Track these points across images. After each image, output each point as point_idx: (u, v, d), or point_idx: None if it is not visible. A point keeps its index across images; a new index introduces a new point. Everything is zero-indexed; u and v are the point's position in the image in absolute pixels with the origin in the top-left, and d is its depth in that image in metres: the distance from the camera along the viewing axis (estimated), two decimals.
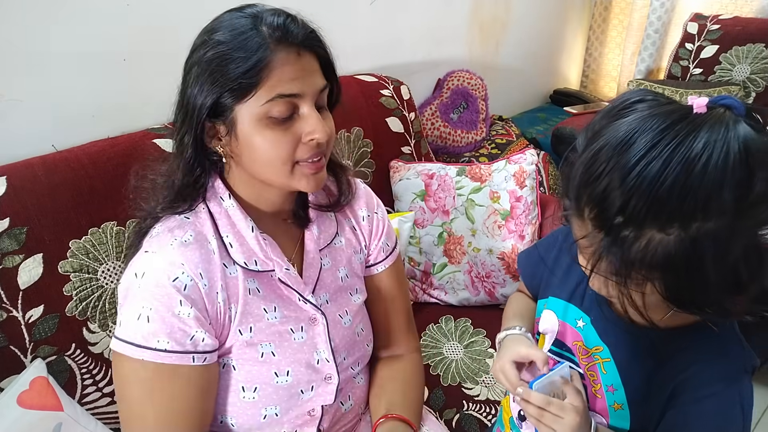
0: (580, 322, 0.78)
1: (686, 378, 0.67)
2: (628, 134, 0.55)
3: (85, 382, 0.99)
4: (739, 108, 0.55)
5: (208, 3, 1.29)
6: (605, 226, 0.57)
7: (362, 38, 1.74)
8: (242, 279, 0.77)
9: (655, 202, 0.53)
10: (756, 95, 2.00)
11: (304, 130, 0.72)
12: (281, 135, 0.71)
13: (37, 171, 0.98)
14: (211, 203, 0.78)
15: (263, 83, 0.69)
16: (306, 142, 0.73)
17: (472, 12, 2.11)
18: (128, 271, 0.74)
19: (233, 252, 0.77)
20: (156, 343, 0.70)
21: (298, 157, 0.74)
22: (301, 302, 0.82)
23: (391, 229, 0.97)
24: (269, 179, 0.76)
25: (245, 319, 0.77)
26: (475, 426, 1.16)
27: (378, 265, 0.96)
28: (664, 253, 0.55)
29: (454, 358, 1.34)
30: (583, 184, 0.58)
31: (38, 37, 1.05)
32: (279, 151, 0.72)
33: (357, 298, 0.92)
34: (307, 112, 0.72)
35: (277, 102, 0.70)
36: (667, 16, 2.42)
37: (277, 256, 0.79)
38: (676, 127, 0.54)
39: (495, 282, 1.49)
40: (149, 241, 0.76)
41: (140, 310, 0.70)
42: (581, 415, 0.68)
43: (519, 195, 1.51)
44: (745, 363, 0.67)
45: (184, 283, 0.72)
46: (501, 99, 2.39)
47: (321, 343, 0.83)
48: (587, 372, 0.77)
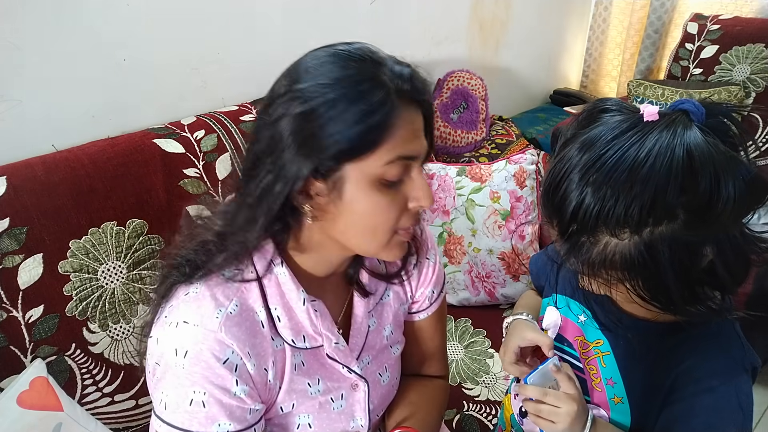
0: (581, 317, 0.78)
1: (685, 372, 0.67)
2: (583, 145, 0.59)
3: (85, 382, 0.99)
4: (696, 112, 0.57)
5: (208, 3, 1.29)
6: (564, 234, 0.60)
7: (362, 38, 1.73)
8: (289, 354, 0.71)
9: (603, 210, 0.56)
10: (756, 95, 2.00)
11: (412, 195, 0.65)
12: (391, 201, 0.63)
13: (37, 171, 0.98)
14: (259, 266, 0.68)
15: (384, 143, 0.60)
16: (411, 209, 0.66)
17: (472, 12, 2.11)
18: (165, 343, 0.64)
19: (281, 327, 0.70)
20: (217, 428, 0.64)
21: (400, 225, 0.66)
22: (345, 372, 0.76)
23: (441, 274, 0.88)
24: (359, 246, 0.67)
25: (289, 396, 0.72)
26: (475, 426, 1.16)
27: (420, 313, 0.88)
28: (622, 257, 0.58)
29: (455, 358, 1.34)
30: (546, 193, 0.62)
31: (38, 37, 1.05)
32: (387, 217, 0.64)
33: (396, 350, 0.86)
34: (417, 176, 0.65)
35: (396, 165, 0.61)
36: (667, 16, 2.42)
37: (326, 330, 0.72)
38: (623, 136, 0.56)
39: (495, 282, 1.49)
40: (187, 306, 0.65)
41: (192, 395, 0.63)
42: (578, 402, 0.69)
43: (519, 195, 1.51)
44: (745, 361, 0.67)
45: (235, 364, 0.65)
46: (501, 99, 2.38)
47: (359, 410, 0.79)
48: (587, 366, 0.77)
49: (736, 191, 0.54)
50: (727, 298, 0.65)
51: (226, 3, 1.32)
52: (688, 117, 0.56)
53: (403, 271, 0.81)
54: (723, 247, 0.58)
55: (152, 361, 0.67)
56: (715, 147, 0.55)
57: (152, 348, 0.66)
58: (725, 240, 0.58)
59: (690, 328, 0.67)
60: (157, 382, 0.66)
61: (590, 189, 0.56)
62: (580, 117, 0.65)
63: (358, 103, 0.58)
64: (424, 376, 0.94)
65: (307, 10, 1.50)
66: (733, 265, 0.59)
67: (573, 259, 0.61)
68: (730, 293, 0.64)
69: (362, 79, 0.59)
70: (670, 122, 0.56)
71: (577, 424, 0.69)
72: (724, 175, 0.54)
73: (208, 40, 1.31)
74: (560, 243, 0.62)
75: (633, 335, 0.70)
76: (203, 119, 1.22)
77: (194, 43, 1.28)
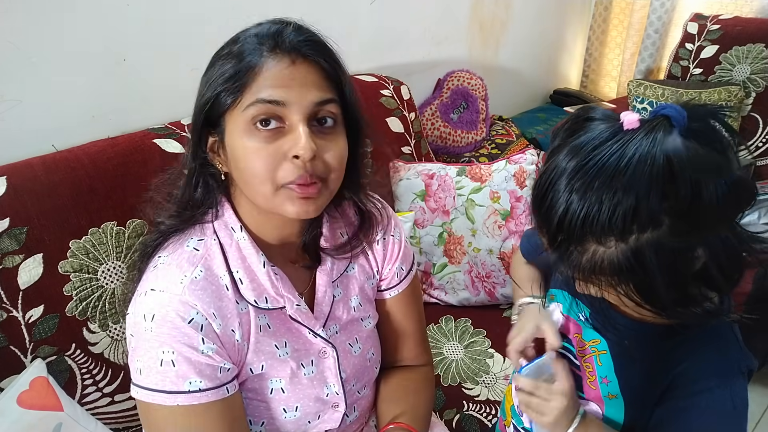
0: (582, 315, 0.79)
1: (681, 373, 0.68)
2: (568, 154, 0.59)
3: (85, 382, 0.99)
4: (677, 117, 0.56)
5: (209, 3, 1.29)
6: (553, 242, 0.61)
7: (362, 38, 1.74)
8: (253, 316, 0.74)
9: (587, 218, 0.56)
10: (756, 95, 2.00)
11: (288, 144, 0.66)
12: (262, 145, 0.66)
13: (37, 171, 0.98)
14: (221, 234, 0.74)
15: (248, 88, 0.66)
16: (290, 160, 0.66)
17: (472, 12, 2.11)
18: (136, 312, 0.69)
19: (243, 289, 0.73)
20: (189, 385, 0.67)
21: (281, 177, 0.67)
22: (311, 336, 0.79)
23: (407, 251, 0.91)
24: (255, 199, 0.70)
25: (257, 357, 0.74)
26: (475, 426, 1.16)
27: (390, 290, 0.90)
28: (610, 263, 0.58)
29: (454, 358, 1.34)
30: (534, 202, 0.63)
31: (38, 37, 1.05)
32: (258, 164, 0.66)
33: (368, 324, 0.88)
34: (297, 128, 0.66)
35: (257, 107, 0.65)
36: (667, 16, 2.42)
37: (288, 292, 0.76)
38: (605, 144, 0.57)
39: (495, 282, 1.49)
40: (155, 276, 0.71)
41: (161, 355, 0.66)
42: (568, 398, 0.71)
43: (519, 195, 1.51)
44: (741, 364, 0.67)
45: (200, 323, 0.68)
46: (501, 99, 2.39)
47: (331, 376, 0.81)
48: (584, 363, 0.78)
49: (718, 194, 0.54)
50: (725, 299, 0.65)
51: (226, 3, 1.32)
52: (670, 122, 0.56)
53: (360, 240, 0.84)
54: (715, 249, 0.58)
55: (128, 333, 0.70)
56: (694, 151, 0.54)
57: (128, 321, 0.70)
58: (717, 241, 0.58)
59: (686, 330, 0.67)
60: (132, 353, 0.69)
61: (575, 197, 0.57)
62: (566, 126, 0.65)
63: (220, 60, 0.69)
64: (407, 366, 0.95)
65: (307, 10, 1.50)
66: (726, 266, 0.59)
67: (563, 266, 0.62)
68: (726, 294, 0.64)
69: (231, 41, 0.71)
70: (650, 129, 0.56)
71: (564, 419, 0.71)
72: (704, 179, 0.54)
73: (208, 40, 1.30)
74: (550, 252, 0.63)
75: (630, 337, 0.70)
76: None
77: (194, 43, 1.28)
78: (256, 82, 0.66)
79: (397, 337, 0.93)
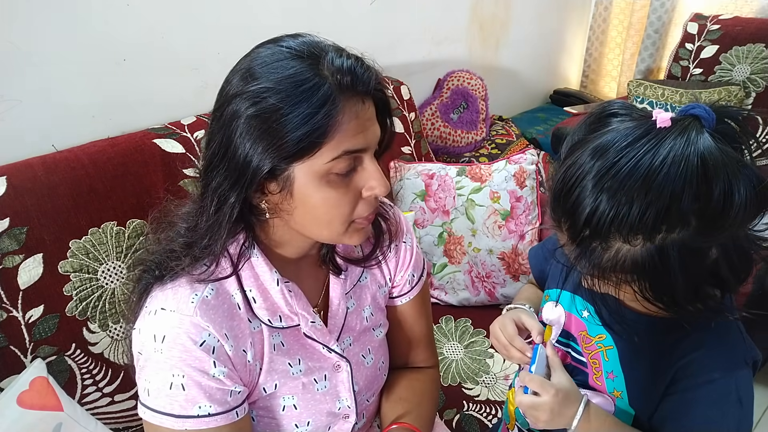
0: (585, 312, 0.79)
1: (685, 365, 0.68)
2: (596, 151, 0.59)
3: (85, 382, 0.99)
4: (707, 117, 0.57)
5: (208, 4, 1.29)
6: (576, 238, 0.61)
7: (362, 38, 1.74)
8: (267, 335, 0.72)
9: (617, 217, 0.56)
10: (756, 95, 2.00)
11: (365, 184, 0.66)
12: (343, 193, 0.65)
13: (37, 171, 0.98)
14: (231, 249, 0.70)
15: (329, 141, 0.61)
16: (365, 198, 0.67)
17: (472, 12, 2.11)
18: (145, 330, 0.66)
19: (256, 308, 0.71)
20: (198, 410, 0.65)
21: (357, 214, 0.67)
22: (326, 351, 0.78)
23: (419, 257, 0.90)
24: (320, 236, 0.70)
25: (270, 376, 0.73)
26: (475, 426, 1.16)
27: (402, 297, 0.89)
28: (633, 261, 0.58)
29: (454, 358, 1.34)
30: (557, 197, 0.62)
31: (38, 37, 1.05)
32: (341, 210, 0.66)
33: (379, 333, 0.87)
34: (368, 165, 0.66)
35: (345, 160, 0.63)
36: (667, 16, 2.42)
37: (302, 309, 0.74)
38: (638, 143, 0.57)
39: (495, 282, 1.49)
40: (164, 294, 0.68)
41: (171, 379, 0.65)
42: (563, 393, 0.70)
43: (519, 195, 1.51)
44: (746, 355, 0.67)
45: (212, 346, 0.66)
46: (501, 99, 2.39)
47: (344, 390, 0.80)
48: (590, 360, 0.78)
49: (746, 197, 0.55)
50: (727, 297, 0.65)
51: (226, 3, 1.32)
52: (700, 123, 0.57)
53: (377, 253, 0.82)
54: (727, 248, 0.59)
55: (136, 351, 0.69)
56: (726, 154, 0.55)
57: (135, 338, 0.68)
58: (729, 241, 0.59)
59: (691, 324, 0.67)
60: (140, 371, 0.68)
61: (605, 196, 0.56)
62: (589, 120, 0.65)
63: (299, 106, 0.59)
64: (414, 368, 0.95)
65: (307, 10, 1.50)
66: (736, 265, 0.60)
67: (583, 262, 0.61)
68: (732, 292, 0.65)
69: (303, 79, 0.60)
70: (683, 129, 0.56)
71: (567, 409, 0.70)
72: (735, 182, 0.54)
73: (208, 40, 1.31)
74: (570, 247, 0.62)
75: (636, 331, 0.70)
76: (203, 119, 1.22)
77: (194, 43, 1.28)
78: (338, 133, 0.61)
79: (407, 342, 0.93)
